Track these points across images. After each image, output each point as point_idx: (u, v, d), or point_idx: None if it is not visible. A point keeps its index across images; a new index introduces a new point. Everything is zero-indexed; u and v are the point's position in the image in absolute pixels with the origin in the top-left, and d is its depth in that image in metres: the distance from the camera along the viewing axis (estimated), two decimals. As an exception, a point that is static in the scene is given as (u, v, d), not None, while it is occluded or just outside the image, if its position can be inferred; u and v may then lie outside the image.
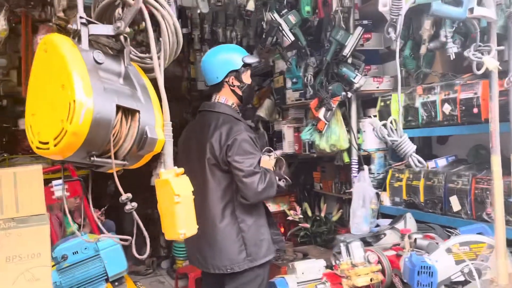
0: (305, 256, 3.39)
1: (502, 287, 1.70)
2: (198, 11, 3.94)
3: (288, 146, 4.14)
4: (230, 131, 2.25)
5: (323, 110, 3.16)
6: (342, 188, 3.93)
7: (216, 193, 2.27)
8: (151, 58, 1.15)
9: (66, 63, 0.91)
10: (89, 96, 0.90)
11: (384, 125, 1.82)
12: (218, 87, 2.41)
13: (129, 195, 1.02)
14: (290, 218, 4.02)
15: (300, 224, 3.88)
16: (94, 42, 1.06)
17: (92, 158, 0.95)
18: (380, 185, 3.28)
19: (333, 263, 2.02)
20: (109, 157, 0.97)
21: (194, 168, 2.35)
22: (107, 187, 5.83)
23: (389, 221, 2.80)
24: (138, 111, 1.01)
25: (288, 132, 4.12)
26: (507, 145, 1.96)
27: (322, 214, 3.96)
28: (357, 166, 3.34)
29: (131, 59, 1.16)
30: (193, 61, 7.04)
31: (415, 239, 1.89)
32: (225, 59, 2.40)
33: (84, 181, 2.96)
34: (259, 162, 2.26)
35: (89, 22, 1.02)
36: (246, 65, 2.42)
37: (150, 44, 1.06)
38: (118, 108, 0.98)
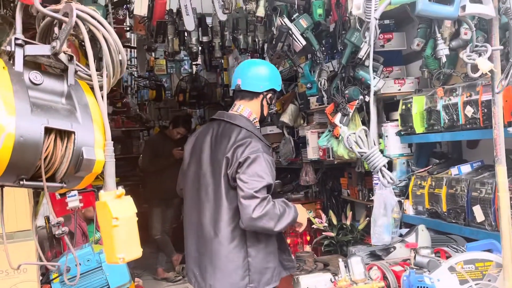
0: (326, 266, 3.26)
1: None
2: (218, 20, 3.93)
3: (313, 152, 4.03)
4: (246, 148, 2.13)
5: (339, 115, 3.05)
6: (368, 195, 3.78)
7: (228, 212, 2.16)
8: (101, 75, 1.13)
9: (-10, 86, 0.91)
10: (11, 120, 0.90)
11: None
12: (250, 95, 2.33)
13: (61, 219, 1.00)
14: (315, 226, 3.90)
15: (324, 233, 3.76)
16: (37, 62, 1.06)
17: (21, 182, 0.95)
18: (403, 193, 3.12)
19: (332, 279, 1.91)
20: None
21: (207, 182, 2.27)
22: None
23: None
24: (74, 132, 0.99)
25: (312, 137, 4.02)
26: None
27: (348, 222, 3.81)
28: (378, 173, 3.19)
29: (81, 78, 1.14)
30: (226, 68, 7.12)
31: (415, 255, 1.76)
32: (274, 76, 2.38)
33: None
34: (268, 188, 2.12)
35: (27, 43, 1.01)
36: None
37: (89, 64, 1.04)
38: (51, 130, 0.97)
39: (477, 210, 2.42)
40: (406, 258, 2.09)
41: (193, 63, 7.61)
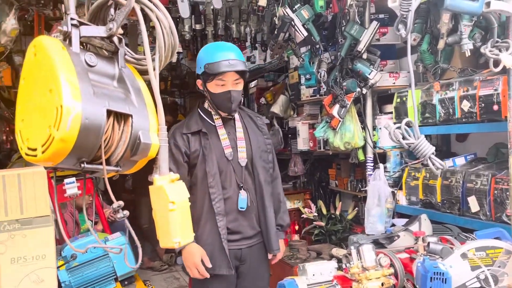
0: (319, 255, 3.34)
1: (520, 294, 1.62)
2: (212, 7, 3.90)
3: (303, 142, 4.08)
4: None
5: (337, 107, 3.09)
6: (358, 186, 3.86)
7: None
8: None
9: (53, 66, 0.88)
10: (78, 101, 0.87)
11: (399, 128, 1.73)
12: None
13: (121, 203, 0.99)
14: (304, 216, 3.97)
15: (314, 222, 3.83)
16: (88, 44, 1.04)
17: (82, 165, 0.93)
18: (396, 183, 3.20)
19: (344, 266, 1.96)
20: (101, 163, 0.95)
21: None
22: (125, 182, 5.87)
23: (405, 221, 2.72)
24: (131, 116, 0.98)
25: (302, 128, 4.07)
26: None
27: (337, 212, 3.89)
28: (372, 164, 3.27)
29: (127, 61, 1.12)
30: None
31: (429, 243, 1.82)
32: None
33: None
34: None
35: (81, 24, 0.99)
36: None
37: (144, 46, 1.03)
38: (110, 112, 0.95)
39: (472, 201, 2.52)
40: (409, 246, 2.15)
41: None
